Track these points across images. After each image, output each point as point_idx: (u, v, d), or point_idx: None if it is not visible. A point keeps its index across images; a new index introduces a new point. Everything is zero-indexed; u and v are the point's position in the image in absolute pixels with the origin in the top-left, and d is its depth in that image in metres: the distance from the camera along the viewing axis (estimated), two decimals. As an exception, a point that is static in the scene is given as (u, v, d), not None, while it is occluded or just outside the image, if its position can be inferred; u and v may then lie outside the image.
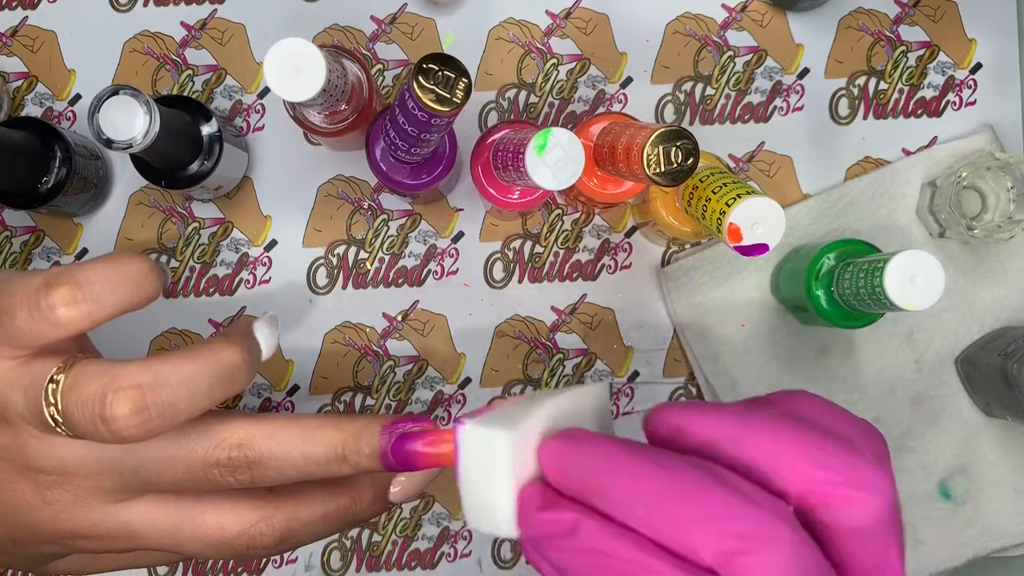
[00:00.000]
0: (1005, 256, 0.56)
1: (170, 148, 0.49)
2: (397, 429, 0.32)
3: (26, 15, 0.57)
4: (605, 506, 0.26)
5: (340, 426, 0.33)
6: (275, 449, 0.32)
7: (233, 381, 0.32)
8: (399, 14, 0.57)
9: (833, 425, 0.28)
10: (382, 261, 0.57)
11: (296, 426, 0.33)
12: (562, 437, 0.29)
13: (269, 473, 0.33)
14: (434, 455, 0.32)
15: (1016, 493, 0.56)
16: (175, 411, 0.30)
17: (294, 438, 0.33)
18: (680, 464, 0.26)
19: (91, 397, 0.30)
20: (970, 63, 0.57)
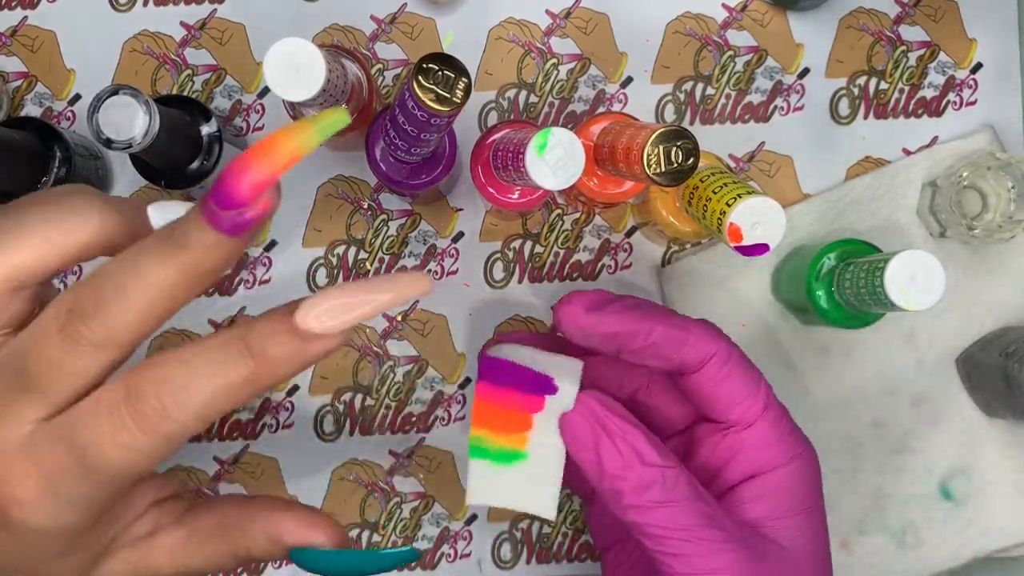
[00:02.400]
0: (1006, 256, 0.56)
1: (170, 148, 0.49)
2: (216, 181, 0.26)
3: (25, 15, 0.57)
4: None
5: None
6: (107, 269, 0.27)
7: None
8: (399, 14, 0.57)
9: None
10: (382, 261, 0.57)
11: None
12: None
13: (110, 297, 0.27)
14: (254, 171, 0.25)
15: (1017, 493, 0.56)
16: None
17: (125, 253, 0.27)
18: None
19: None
20: (971, 63, 0.57)
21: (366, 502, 0.57)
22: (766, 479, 0.38)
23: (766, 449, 0.38)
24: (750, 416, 0.39)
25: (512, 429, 0.38)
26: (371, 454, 0.57)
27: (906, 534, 0.56)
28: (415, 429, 0.57)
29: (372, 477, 0.57)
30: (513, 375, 0.38)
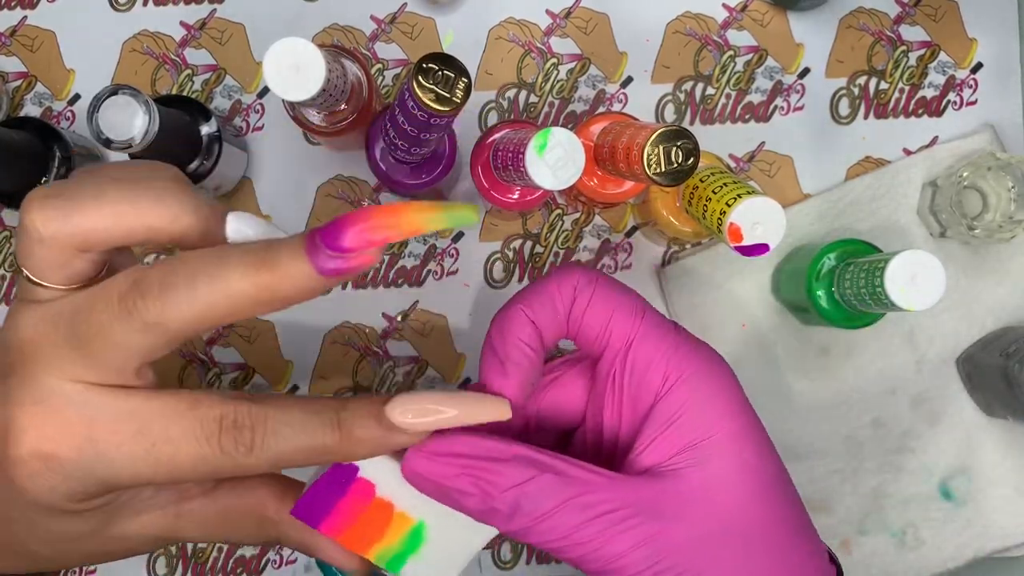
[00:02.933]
0: (1006, 256, 0.56)
1: (169, 148, 0.49)
2: (330, 222, 0.28)
3: (25, 15, 0.57)
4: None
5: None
6: (188, 266, 0.28)
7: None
8: (399, 14, 0.57)
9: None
10: (382, 261, 0.57)
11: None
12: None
13: (181, 291, 0.28)
14: (370, 225, 0.27)
15: (1017, 493, 0.56)
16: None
17: (208, 255, 0.28)
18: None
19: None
20: (971, 63, 0.57)
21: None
22: (664, 404, 0.33)
23: (652, 369, 0.34)
24: (623, 334, 0.35)
25: (384, 523, 0.34)
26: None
27: (906, 534, 0.56)
28: (415, 429, 0.57)
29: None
30: (321, 497, 0.33)
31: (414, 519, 0.34)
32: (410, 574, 0.35)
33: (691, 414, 0.33)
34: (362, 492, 0.33)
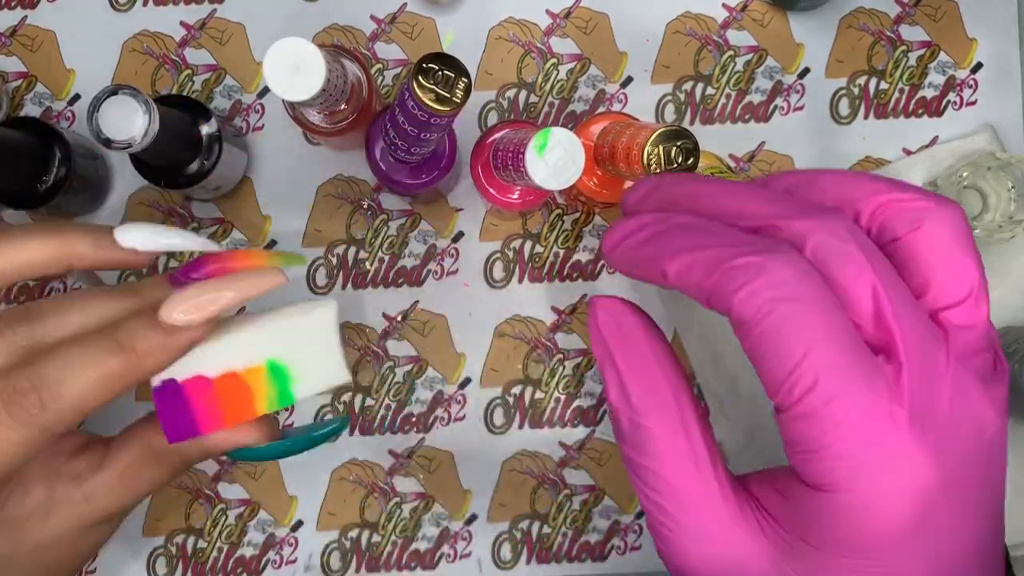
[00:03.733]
0: (1006, 256, 0.56)
1: (169, 148, 0.49)
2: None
3: (25, 15, 0.57)
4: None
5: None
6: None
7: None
8: (399, 13, 0.57)
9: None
10: (382, 261, 0.57)
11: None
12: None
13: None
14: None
15: (1017, 493, 0.56)
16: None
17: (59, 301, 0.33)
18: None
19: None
20: (971, 63, 0.57)
21: (366, 502, 0.57)
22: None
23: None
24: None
25: (242, 387, 0.35)
26: (371, 454, 0.57)
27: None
28: (415, 429, 0.57)
29: (372, 477, 0.57)
30: (175, 414, 0.35)
31: (260, 362, 0.35)
32: (306, 392, 0.36)
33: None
34: (198, 386, 0.34)
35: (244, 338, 0.35)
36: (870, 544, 0.24)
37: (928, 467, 0.23)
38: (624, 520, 0.57)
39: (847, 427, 0.23)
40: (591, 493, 0.57)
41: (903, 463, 0.23)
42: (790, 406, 0.24)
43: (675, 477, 0.27)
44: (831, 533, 0.25)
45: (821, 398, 0.23)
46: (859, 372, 0.23)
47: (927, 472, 0.24)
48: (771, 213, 0.26)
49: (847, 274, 0.24)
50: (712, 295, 0.25)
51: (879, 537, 0.24)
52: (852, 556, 0.25)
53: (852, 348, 0.24)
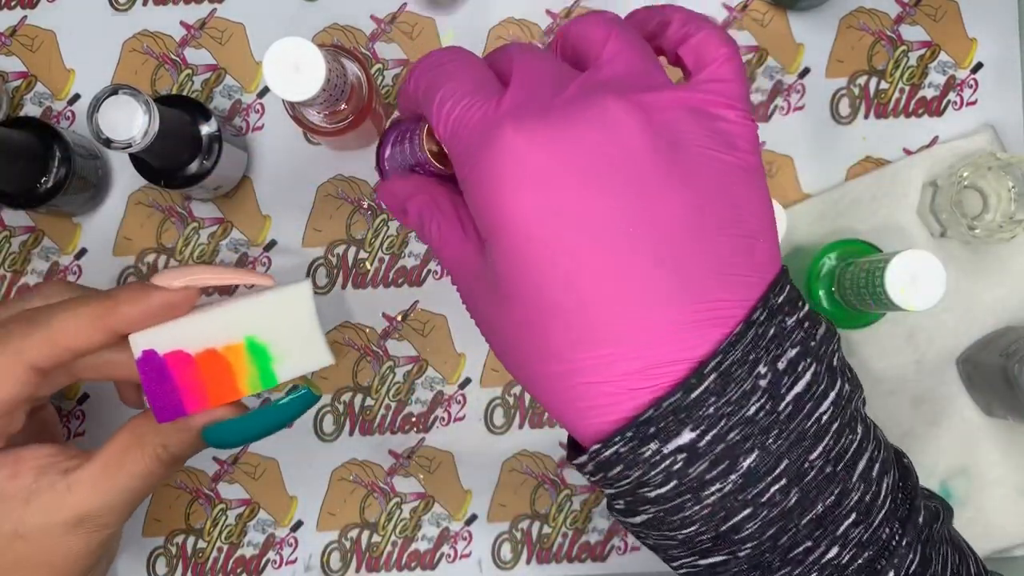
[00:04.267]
0: (1006, 256, 0.56)
1: (169, 148, 0.49)
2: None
3: (25, 14, 0.57)
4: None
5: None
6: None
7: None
8: (399, 13, 0.57)
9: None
10: (382, 261, 0.57)
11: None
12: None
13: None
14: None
15: (1017, 493, 0.56)
16: None
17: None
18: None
19: None
20: (971, 63, 0.57)
21: (366, 502, 0.57)
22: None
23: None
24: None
25: (223, 365, 0.37)
26: (371, 454, 0.57)
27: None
28: (415, 429, 0.57)
29: (372, 477, 0.57)
30: (161, 392, 0.37)
31: (239, 340, 0.37)
32: (288, 373, 0.37)
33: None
34: (180, 360, 0.36)
35: (222, 317, 0.37)
36: (496, 225, 0.27)
37: (522, 135, 0.27)
38: (624, 520, 0.57)
39: (463, 126, 0.28)
40: (591, 493, 0.57)
41: (497, 136, 0.27)
42: (439, 137, 0.29)
43: (441, 238, 0.32)
44: (476, 219, 0.29)
45: (447, 116, 0.28)
46: (476, 91, 0.28)
47: (520, 138, 0.26)
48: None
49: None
50: (413, 93, 0.31)
51: (500, 213, 0.27)
52: (484, 235, 0.29)
53: (477, 81, 0.29)
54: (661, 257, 0.26)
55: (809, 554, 0.27)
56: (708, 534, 0.27)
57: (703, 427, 0.26)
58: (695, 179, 0.27)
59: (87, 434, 0.57)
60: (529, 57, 0.29)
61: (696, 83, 0.29)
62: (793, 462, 0.27)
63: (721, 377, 0.26)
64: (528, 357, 0.28)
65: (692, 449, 0.26)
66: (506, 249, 0.27)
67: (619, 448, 0.27)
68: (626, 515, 0.29)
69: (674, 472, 0.27)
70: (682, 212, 0.27)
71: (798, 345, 0.27)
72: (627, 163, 0.26)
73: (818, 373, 0.27)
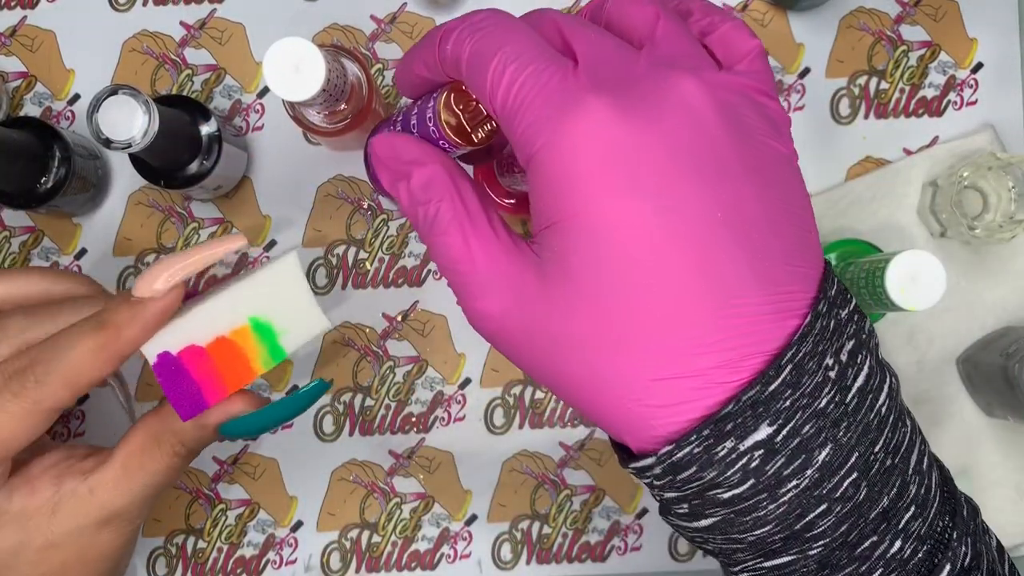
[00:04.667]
0: (1006, 256, 0.56)
1: (169, 148, 0.49)
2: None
3: (25, 15, 0.57)
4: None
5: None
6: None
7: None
8: (399, 13, 0.57)
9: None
10: (382, 261, 0.57)
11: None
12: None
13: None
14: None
15: (1017, 493, 0.56)
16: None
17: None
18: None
19: None
20: (971, 63, 0.57)
21: (366, 502, 0.57)
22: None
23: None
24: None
25: (234, 350, 0.37)
26: (371, 454, 0.57)
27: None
28: (415, 429, 0.57)
29: (372, 477, 0.57)
30: (180, 389, 0.37)
31: (243, 321, 0.37)
32: (294, 344, 0.38)
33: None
34: (194, 354, 0.37)
35: (222, 303, 0.38)
36: (574, 207, 0.25)
37: (608, 110, 0.25)
38: (624, 520, 0.57)
39: (534, 95, 0.26)
40: (591, 493, 0.57)
41: (583, 107, 0.25)
42: (493, 107, 0.27)
43: (460, 239, 0.29)
44: (539, 199, 0.27)
45: (510, 83, 0.26)
46: (542, 57, 0.26)
47: (606, 112, 0.25)
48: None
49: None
50: (444, 58, 0.29)
51: (584, 192, 0.25)
52: (553, 218, 0.26)
53: (536, 48, 0.27)
54: (742, 244, 0.25)
55: (875, 549, 0.27)
56: (781, 534, 0.27)
57: (780, 421, 0.25)
58: (762, 166, 0.27)
59: (87, 434, 0.57)
60: (584, 28, 0.28)
61: (740, 71, 0.28)
62: (862, 454, 0.26)
63: (796, 369, 0.25)
64: (595, 354, 0.26)
65: (769, 445, 0.25)
66: (587, 232, 0.25)
67: (693, 448, 0.25)
68: (689, 519, 0.28)
69: (751, 470, 0.25)
70: (758, 200, 0.26)
71: (853, 337, 0.27)
72: (710, 146, 0.26)
73: (872, 366, 0.27)
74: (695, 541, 0.29)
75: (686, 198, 0.25)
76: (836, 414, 0.26)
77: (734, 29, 0.29)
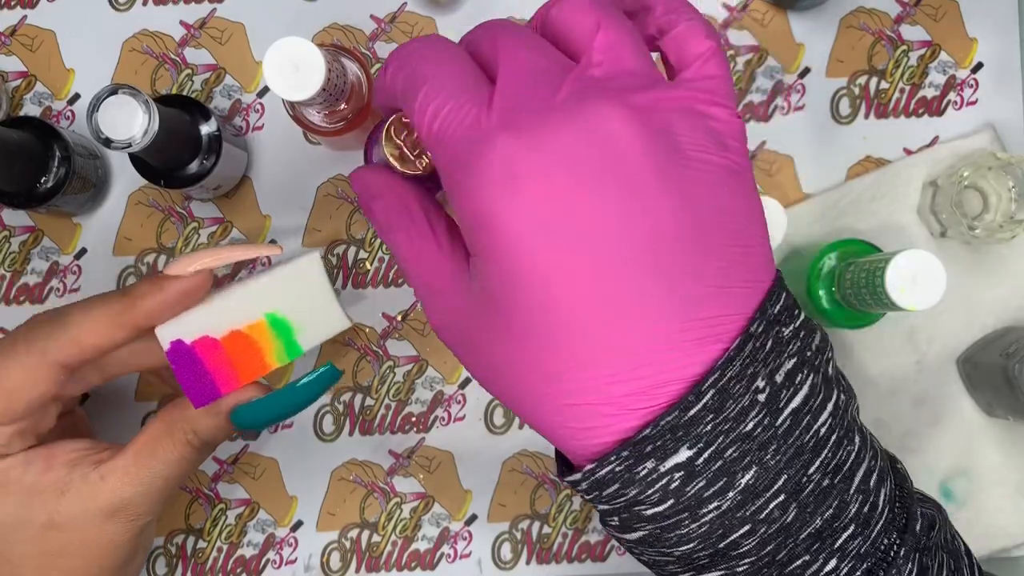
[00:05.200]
0: (1007, 256, 0.56)
1: (169, 148, 0.49)
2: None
3: (25, 14, 0.57)
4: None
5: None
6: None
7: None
8: (399, 13, 0.57)
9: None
10: (382, 261, 0.57)
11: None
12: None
13: None
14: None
15: (1018, 493, 0.56)
16: None
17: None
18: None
19: None
20: (971, 62, 0.57)
21: (366, 502, 0.57)
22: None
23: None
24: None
25: (248, 343, 0.38)
26: (371, 454, 0.57)
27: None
28: (415, 429, 0.57)
29: (372, 477, 0.57)
30: (194, 378, 0.38)
31: (261, 317, 0.38)
32: (311, 342, 0.39)
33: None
34: (207, 345, 0.38)
35: (240, 298, 0.38)
36: (488, 242, 0.26)
37: (514, 150, 0.25)
38: (624, 520, 0.57)
39: (450, 133, 0.26)
40: (591, 493, 0.57)
41: (490, 146, 0.25)
42: (422, 140, 0.28)
43: (411, 250, 0.30)
44: (463, 231, 0.27)
45: (431, 121, 0.26)
46: (462, 91, 0.26)
47: (512, 152, 0.25)
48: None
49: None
50: (390, 88, 0.29)
51: (491, 229, 0.25)
52: (474, 249, 0.27)
53: (459, 81, 0.27)
54: (660, 271, 0.25)
55: (807, 568, 0.27)
56: (706, 551, 0.27)
57: (700, 445, 0.25)
58: (691, 186, 0.26)
59: (87, 434, 0.57)
60: (515, 46, 0.27)
61: (684, 80, 0.28)
62: (791, 477, 0.26)
63: (719, 394, 0.25)
64: (518, 376, 0.27)
65: (689, 467, 0.26)
66: (501, 264, 0.26)
67: (614, 467, 0.26)
68: (621, 531, 0.28)
69: (671, 490, 0.26)
70: (680, 222, 0.25)
71: (795, 356, 0.27)
72: (625, 173, 0.25)
73: (815, 384, 0.27)
74: (632, 552, 0.29)
75: (592, 226, 0.25)
76: (764, 437, 0.26)
77: (688, 30, 0.28)
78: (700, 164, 0.26)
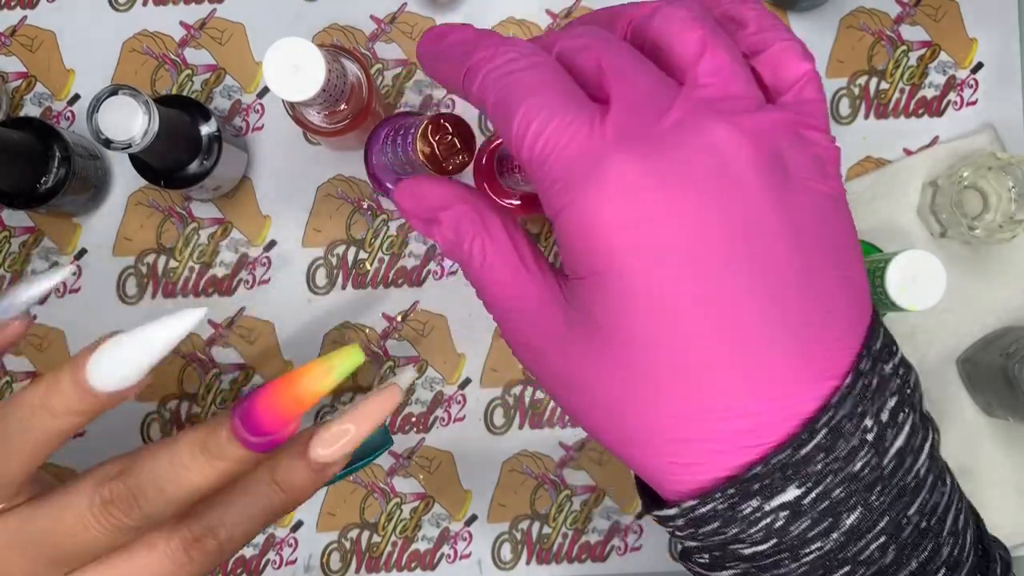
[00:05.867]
0: (1007, 256, 0.56)
1: (169, 148, 0.49)
2: (241, 403, 0.29)
3: (25, 15, 0.57)
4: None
5: (199, 427, 0.30)
6: (146, 466, 0.29)
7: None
8: (399, 13, 0.57)
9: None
10: (382, 261, 0.57)
11: (161, 444, 0.31)
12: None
13: (151, 495, 0.29)
14: (280, 408, 0.29)
15: (1017, 493, 0.56)
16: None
17: (160, 451, 0.30)
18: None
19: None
20: (971, 63, 0.57)
21: (366, 502, 0.57)
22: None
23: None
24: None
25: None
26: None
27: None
28: (415, 429, 0.57)
29: (372, 477, 0.57)
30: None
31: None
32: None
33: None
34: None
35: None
36: (601, 266, 0.25)
37: (635, 171, 0.24)
38: (624, 520, 0.57)
39: (558, 153, 0.25)
40: (591, 493, 0.57)
41: (607, 168, 0.24)
42: (519, 159, 0.26)
43: (491, 266, 0.29)
44: (566, 253, 0.26)
45: (534, 139, 0.25)
46: (567, 109, 0.25)
47: (633, 174, 0.24)
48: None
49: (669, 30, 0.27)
50: (469, 95, 0.27)
51: (608, 254, 0.25)
52: (580, 272, 0.26)
53: (565, 95, 0.25)
54: (777, 303, 0.24)
55: None
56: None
57: (809, 484, 0.24)
58: (802, 214, 0.25)
59: (87, 434, 0.57)
60: (622, 66, 0.26)
61: (786, 104, 0.27)
62: (893, 519, 0.25)
63: (831, 433, 0.24)
64: (629, 411, 0.26)
65: (796, 507, 0.25)
66: (614, 291, 0.25)
67: (717, 504, 0.25)
68: (709, 568, 0.27)
69: (775, 530, 0.25)
70: (794, 252, 0.25)
71: (896, 394, 0.26)
72: (743, 198, 0.24)
73: (915, 424, 0.26)
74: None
75: (714, 261, 0.24)
76: (870, 478, 0.25)
77: (784, 51, 0.27)
78: (806, 190, 0.25)
